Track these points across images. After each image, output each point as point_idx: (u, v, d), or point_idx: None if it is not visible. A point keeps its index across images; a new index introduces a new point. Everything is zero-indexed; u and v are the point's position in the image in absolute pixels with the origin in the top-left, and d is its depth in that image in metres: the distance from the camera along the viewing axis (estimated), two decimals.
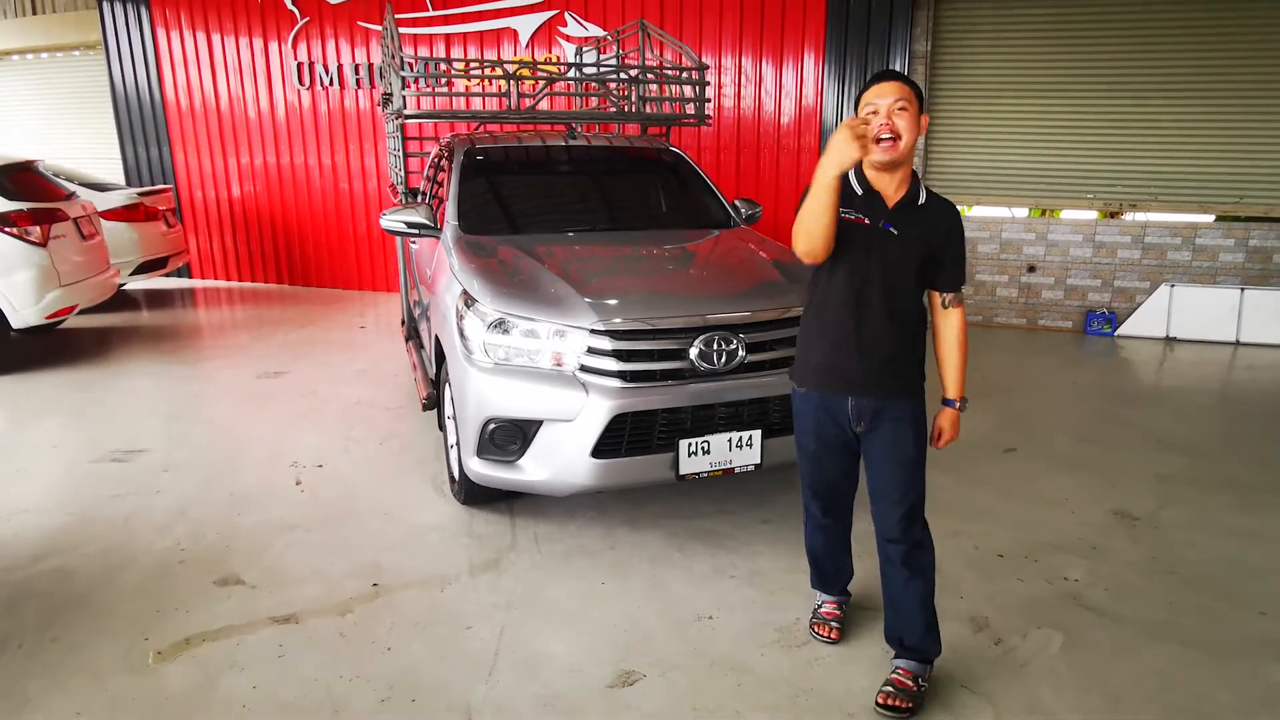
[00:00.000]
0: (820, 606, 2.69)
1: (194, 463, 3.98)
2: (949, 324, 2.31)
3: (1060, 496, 3.69)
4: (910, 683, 2.30)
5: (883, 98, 2.12)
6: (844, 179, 2.16)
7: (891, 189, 2.21)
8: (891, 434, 2.25)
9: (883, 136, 2.12)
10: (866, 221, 2.19)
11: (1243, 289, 6.53)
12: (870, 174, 2.23)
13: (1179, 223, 6.76)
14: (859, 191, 2.23)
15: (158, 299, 8.21)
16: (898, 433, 2.25)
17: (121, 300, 7.94)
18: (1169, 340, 6.67)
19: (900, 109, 2.11)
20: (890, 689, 2.30)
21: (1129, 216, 6.93)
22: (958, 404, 2.34)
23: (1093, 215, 7.03)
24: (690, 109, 4.98)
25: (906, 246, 2.20)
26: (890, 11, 6.78)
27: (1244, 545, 3.26)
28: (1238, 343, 6.53)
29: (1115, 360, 6.22)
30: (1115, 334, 6.84)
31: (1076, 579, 3.00)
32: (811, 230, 2.09)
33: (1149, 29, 6.49)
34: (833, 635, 2.60)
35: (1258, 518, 3.50)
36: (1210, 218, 6.75)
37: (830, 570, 2.65)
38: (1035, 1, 6.71)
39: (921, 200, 2.23)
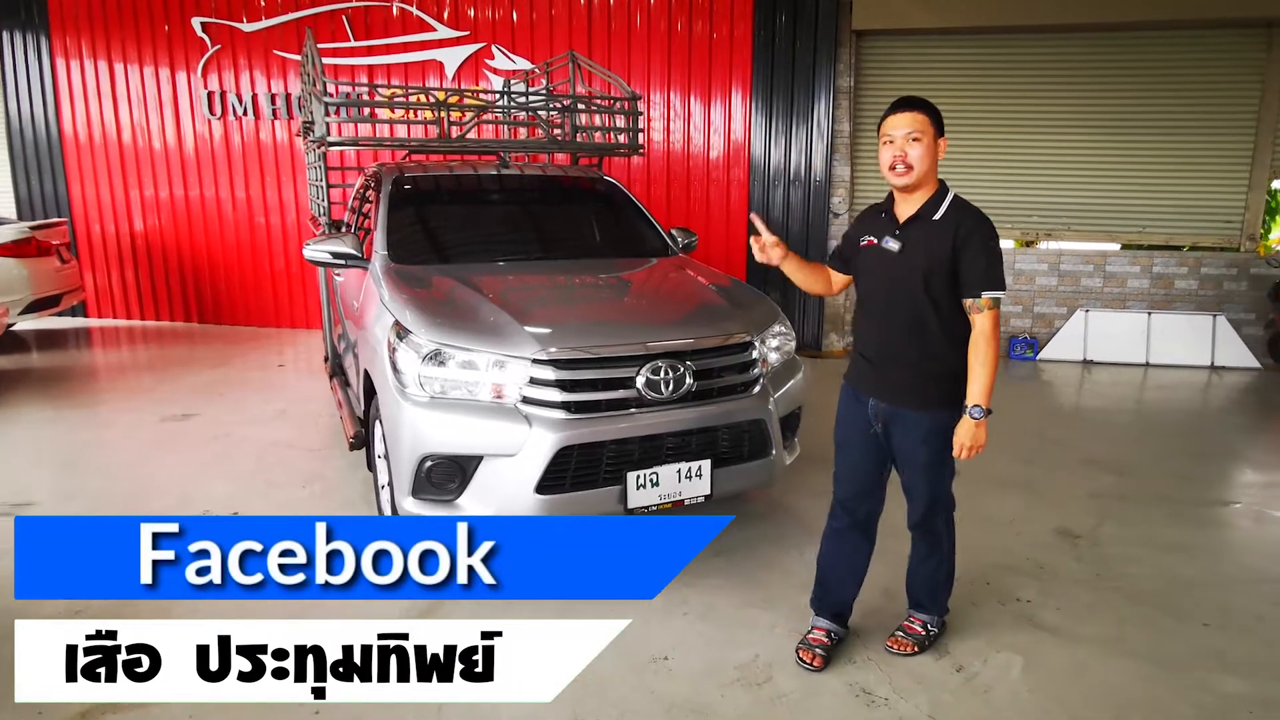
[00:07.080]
0: (810, 632, 2.61)
1: (87, 515, 3.61)
2: (973, 330, 2.30)
3: (1005, 518, 3.71)
4: (919, 629, 2.63)
5: (897, 129, 2.25)
6: (878, 204, 2.44)
7: (906, 209, 2.34)
8: (905, 442, 2.39)
9: (896, 166, 2.25)
10: (874, 242, 2.36)
11: (1149, 313, 6.88)
12: (896, 196, 2.37)
13: (1090, 251, 7.09)
14: (882, 215, 2.39)
15: (50, 340, 7.61)
16: (910, 443, 2.38)
17: (10, 341, 7.33)
18: (1086, 363, 6.94)
19: (914, 140, 2.23)
20: (900, 634, 2.63)
21: (1043, 245, 7.24)
22: (970, 411, 2.31)
23: (1008, 244, 7.31)
24: (624, 139, 4.94)
25: (907, 260, 2.30)
26: (814, 48, 6.96)
27: (1179, 559, 3.33)
28: (1148, 364, 6.84)
29: (1039, 383, 6.41)
30: (1037, 358, 7.08)
31: (1029, 599, 2.98)
32: (804, 286, 2.60)
33: (1059, 69, 6.87)
34: (816, 663, 2.51)
35: (1188, 531, 3.60)
36: (1117, 246, 7.11)
37: (832, 581, 2.59)
38: (951, 41, 7.02)
39: (938, 215, 2.29)
